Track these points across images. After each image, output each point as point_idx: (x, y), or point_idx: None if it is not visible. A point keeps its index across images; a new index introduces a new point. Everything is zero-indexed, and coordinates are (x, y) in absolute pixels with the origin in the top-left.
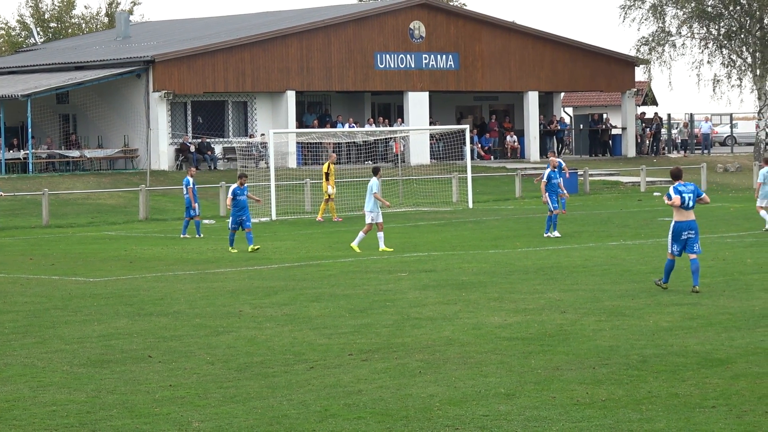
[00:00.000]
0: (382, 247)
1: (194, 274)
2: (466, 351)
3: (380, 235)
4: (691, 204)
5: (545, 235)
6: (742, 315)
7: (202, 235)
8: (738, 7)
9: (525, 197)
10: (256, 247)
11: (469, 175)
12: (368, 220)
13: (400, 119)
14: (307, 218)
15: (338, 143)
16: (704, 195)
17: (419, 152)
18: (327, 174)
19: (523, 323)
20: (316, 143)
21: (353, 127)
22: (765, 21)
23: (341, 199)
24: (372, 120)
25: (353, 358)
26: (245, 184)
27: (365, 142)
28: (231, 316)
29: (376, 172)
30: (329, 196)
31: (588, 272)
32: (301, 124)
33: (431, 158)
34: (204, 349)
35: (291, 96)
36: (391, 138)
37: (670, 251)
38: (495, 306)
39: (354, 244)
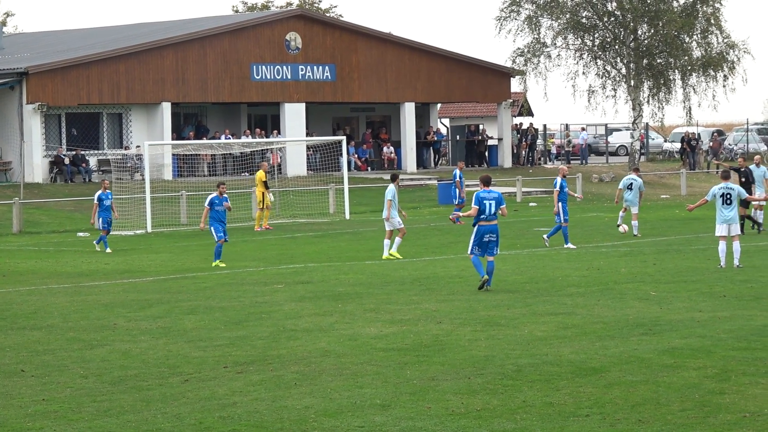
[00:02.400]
0: (386, 254)
1: (68, 287)
2: (342, 362)
3: (398, 241)
4: (492, 210)
5: (565, 247)
6: (615, 324)
7: (106, 249)
8: (612, 19)
9: (402, 209)
10: (221, 264)
11: (346, 186)
12: (397, 226)
13: (276, 131)
14: (182, 230)
15: (214, 155)
16: (504, 206)
17: (296, 163)
18: (266, 182)
19: (399, 334)
20: (192, 155)
21: (230, 138)
22: (639, 32)
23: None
24: (248, 131)
25: (228, 370)
26: (225, 193)
27: (242, 153)
28: (105, 330)
29: (393, 179)
30: (269, 204)
31: (464, 282)
32: (178, 135)
33: (308, 169)
34: (78, 362)
35: (166, 107)
36: (267, 149)
37: (470, 252)
38: (371, 317)
39: (395, 253)
